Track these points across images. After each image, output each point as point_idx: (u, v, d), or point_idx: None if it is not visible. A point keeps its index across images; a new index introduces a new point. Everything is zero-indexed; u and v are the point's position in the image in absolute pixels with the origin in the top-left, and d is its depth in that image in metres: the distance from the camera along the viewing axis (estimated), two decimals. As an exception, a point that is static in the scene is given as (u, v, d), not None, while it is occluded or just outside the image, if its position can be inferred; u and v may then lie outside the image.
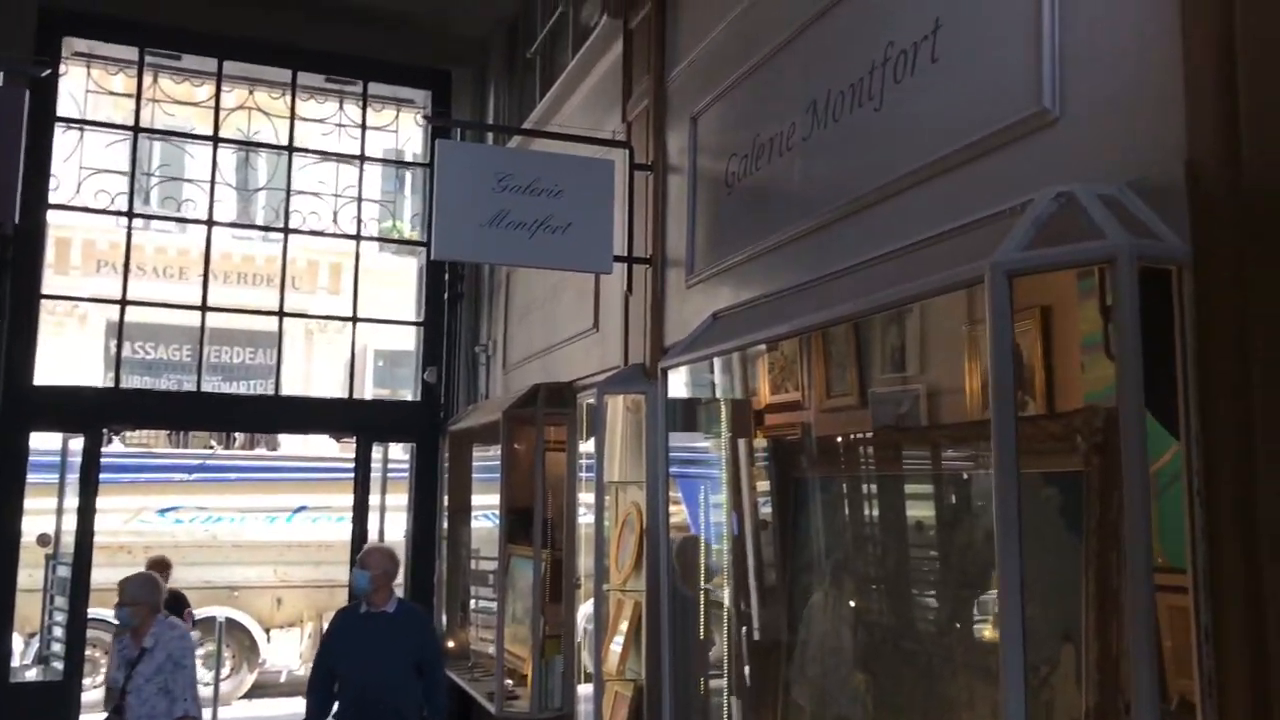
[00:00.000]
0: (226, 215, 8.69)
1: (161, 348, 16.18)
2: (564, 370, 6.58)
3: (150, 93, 8.22)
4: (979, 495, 3.18)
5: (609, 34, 6.02)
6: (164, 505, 12.07)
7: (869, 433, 3.90)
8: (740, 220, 4.35)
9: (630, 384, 5.17)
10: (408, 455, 8.94)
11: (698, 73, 4.92)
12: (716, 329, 4.07)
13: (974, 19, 2.96)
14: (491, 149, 5.56)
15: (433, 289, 8.82)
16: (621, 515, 5.35)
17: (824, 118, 3.74)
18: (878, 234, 3.33)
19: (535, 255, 5.06)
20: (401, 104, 9.16)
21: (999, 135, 2.80)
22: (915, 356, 4.11)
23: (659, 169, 5.25)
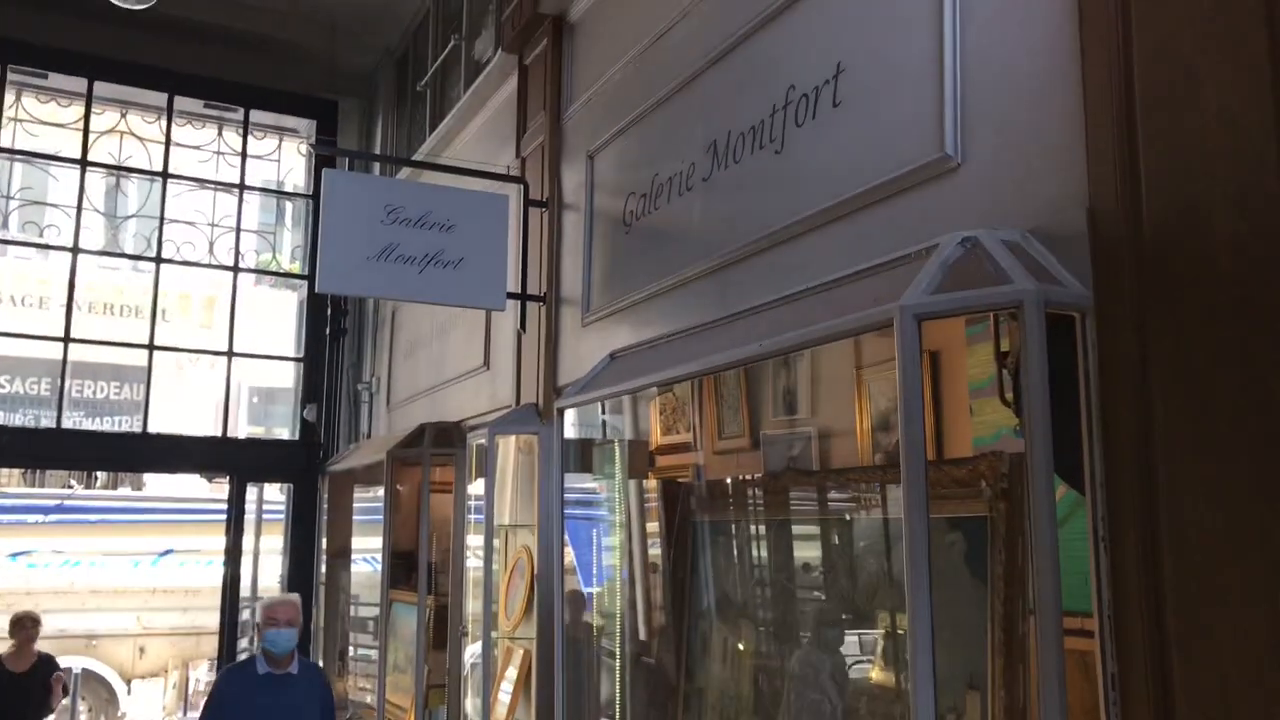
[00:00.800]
0: (94, 243, 8.23)
1: (18, 381, 15.27)
2: (452, 409, 6.42)
3: (12, 111, 7.78)
4: (877, 538, 3.17)
5: (503, 68, 5.95)
6: (16, 549, 11.36)
7: (763, 475, 3.87)
8: (639, 259, 4.31)
9: (523, 424, 5.04)
10: (284, 496, 8.59)
11: (595, 110, 4.88)
12: (614, 369, 3.99)
13: (876, 64, 2.99)
14: (381, 180, 5.40)
15: (314, 323, 8.55)
16: (511, 560, 5.20)
17: (724, 159, 3.72)
18: (780, 276, 3.31)
19: (425, 290, 4.91)
20: (284, 133, 8.91)
21: (901, 180, 2.82)
22: (806, 398, 4.13)
23: (554, 205, 5.18)
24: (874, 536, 3.08)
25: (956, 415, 3.37)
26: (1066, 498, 2.31)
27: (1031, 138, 2.42)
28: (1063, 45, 2.36)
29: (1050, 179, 2.35)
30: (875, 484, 3.03)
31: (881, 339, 3.38)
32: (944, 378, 3.32)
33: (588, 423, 5.14)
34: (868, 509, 3.28)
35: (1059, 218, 2.29)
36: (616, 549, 4.81)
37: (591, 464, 5.19)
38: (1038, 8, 2.45)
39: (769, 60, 3.53)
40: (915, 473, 2.07)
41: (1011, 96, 2.51)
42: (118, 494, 13.00)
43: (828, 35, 3.21)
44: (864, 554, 3.14)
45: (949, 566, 2.51)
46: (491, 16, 6.65)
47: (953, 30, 2.70)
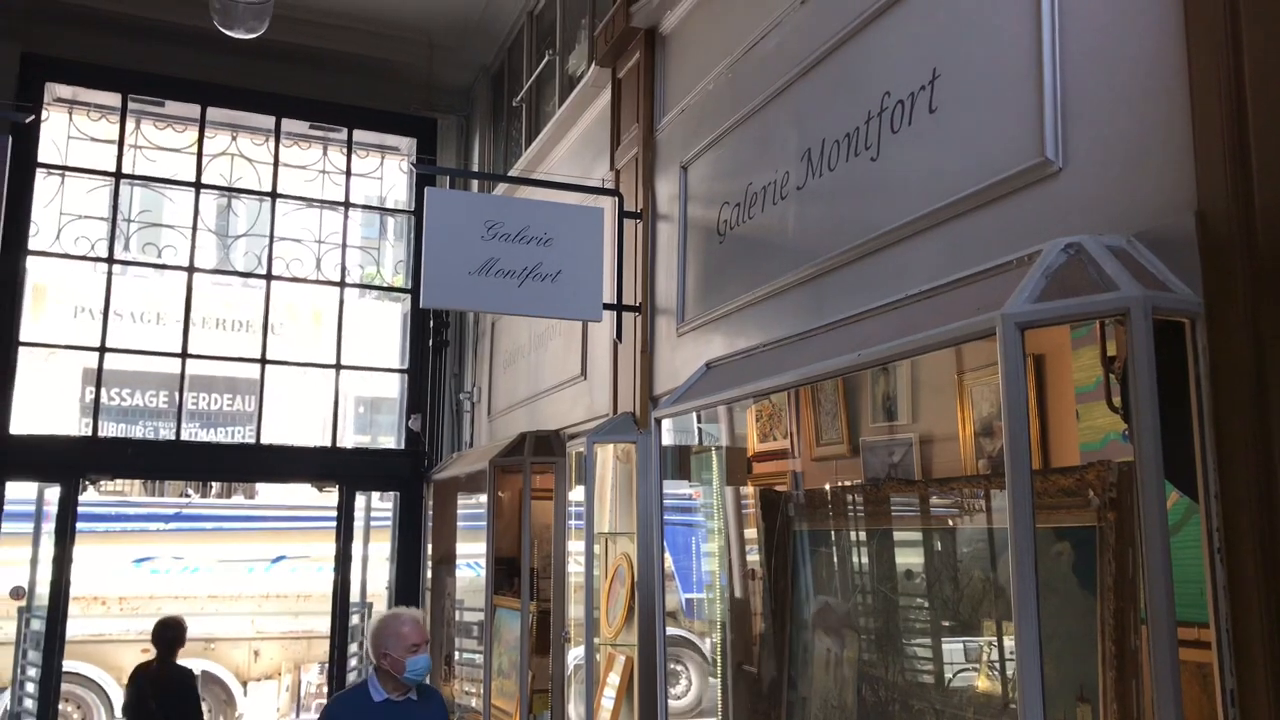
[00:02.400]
0: (207, 261, 8.59)
1: (138, 394, 15.95)
2: (551, 418, 6.52)
3: (132, 139, 8.18)
4: (981, 546, 3.14)
5: (597, 82, 6.03)
6: (139, 555, 11.85)
7: (864, 483, 3.85)
8: (733, 268, 4.33)
9: (620, 433, 5.10)
10: (390, 503, 8.82)
11: (687, 121, 4.92)
12: (711, 378, 4.02)
13: (973, 69, 2.96)
14: (480, 196, 5.54)
15: (417, 336, 8.77)
16: (611, 567, 5.26)
17: (819, 167, 3.72)
18: (876, 284, 3.30)
19: (524, 303, 5.01)
20: (386, 151, 9.15)
21: (1000, 186, 2.79)
22: (906, 404, 4.09)
23: (648, 217, 5.23)
24: (979, 545, 3.04)
25: (1062, 420, 3.30)
26: (1178, 504, 2.26)
27: (1135, 140, 2.38)
28: (1167, 44, 2.31)
29: (1156, 182, 2.30)
30: (979, 492, 2.99)
31: (983, 344, 3.34)
32: (1049, 381, 3.26)
33: (685, 430, 5.18)
34: (971, 515, 3.24)
35: (1166, 222, 2.24)
36: (715, 556, 4.83)
37: (689, 471, 5.23)
38: (1141, 8, 2.41)
39: (863, 67, 3.52)
40: (1021, 485, 2.06)
41: (1113, 99, 2.46)
42: (232, 502, 13.48)
43: (922, 41, 3.19)
44: (969, 563, 3.11)
45: (1056, 577, 2.47)
46: (585, 31, 6.74)
47: (1051, 32, 2.66)
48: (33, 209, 7.70)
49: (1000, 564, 2.84)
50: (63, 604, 7.35)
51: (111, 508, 12.36)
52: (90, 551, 11.00)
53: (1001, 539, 2.81)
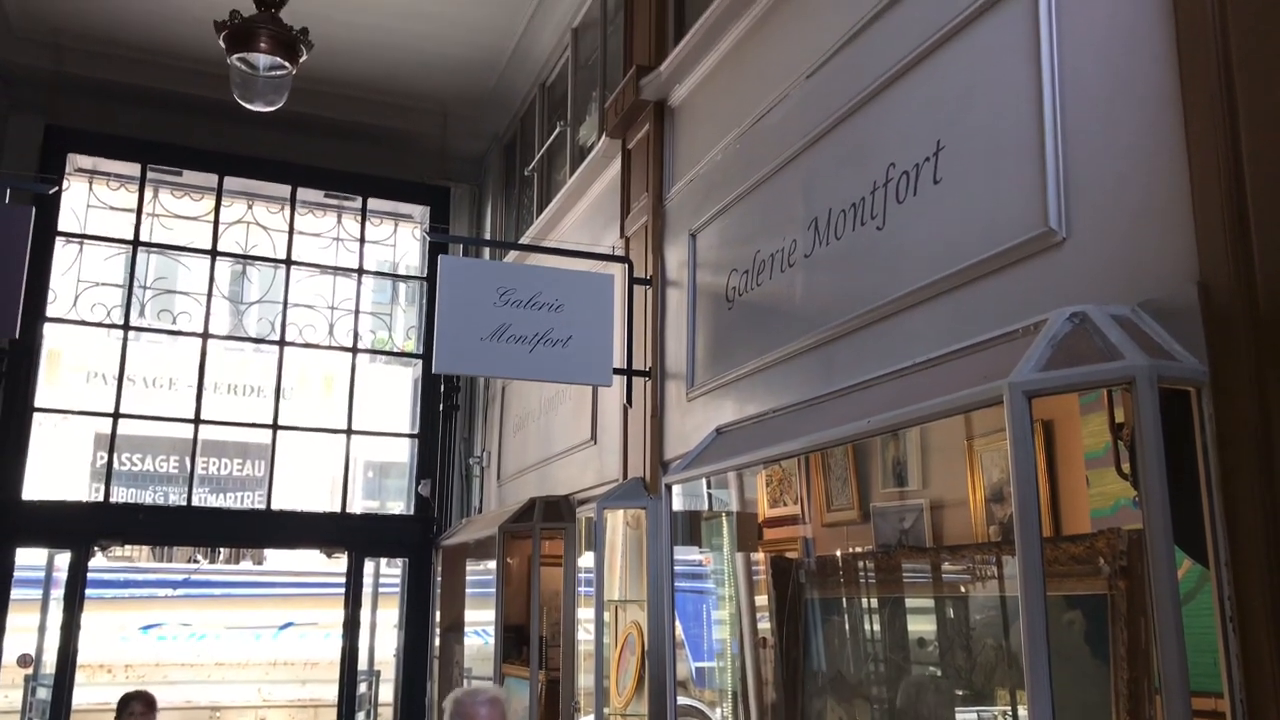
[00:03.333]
0: (221, 327, 8.68)
1: (150, 459, 15.97)
2: (561, 483, 6.52)
3: (150, 207, 8.32)
4: (994, 614, 3.12)
5: (607, 153, 6.14)
6: (147, 622, 11.77)
7: (875, 550, 3.84)
8: (742, 334, 4.37)
9: (630, 499, 5.10)
10: (399, 569, 8.79)
11: (696, 190, 5.00)
12: (720, 444, 4.04)
13: (976, 141, 3.02)
14: (492, 263, 5.63)
15: (428, 400, 8.81)
16: (622, 635, 5.22)
17: (826, 235, 3.78)
18: (883, 351, 3.33)
19: (536, 369, 5.05)
20: (400, 218, 9.29)
21: (1005, 255, 2.83)
22: (916, 470, 4.09)
23: (658, 283, 5.29)
24: (991, 613, 3.03)
25: (1073, 486, 3.30)
26: (1191, 572, 2.26)
27: (1137, 211, 2.42)
28: (1165, 118, 2.36)
29: (1158, 252, 2.34)
30: (991, 559, 2.99)
31: (992, 410, 3.36)
32: (1058, 447, 3.26)
33: (695, 495, 5.18)
34: (984, 583, 3.23)
35: (1169, 291, 2.27)
36: (726, 624, 4.80)
37: (700, 537, 5.22)
38: (1139, 82, 2.47)
39: (868, 138, 3.59)
40: (1031, 553, 2.06)
41: (1115, 170, 2.51)
42: (240, 568, 13.41)
43: (927, 113, 3.26)
44: (981, 631, 3.09)
45: (1068, 645, 2.46)
46: (595, 103, 6.88)
47: (1053, 105, 2.72)
48: (51, 276, 7.80)
49: (1013, 632, 2.82)
50: (70, 672, 7.31)
51: (120, 573, 12.32)
52: (97, 618, 10.93)
53: (1014, 606, 2.80)
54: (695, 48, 4.99)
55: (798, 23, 4.18)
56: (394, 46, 7.79)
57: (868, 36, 3.63)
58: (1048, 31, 2.76)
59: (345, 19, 7.33)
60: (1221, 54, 2.20)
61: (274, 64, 5.02)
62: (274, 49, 4.90)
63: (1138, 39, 2.48)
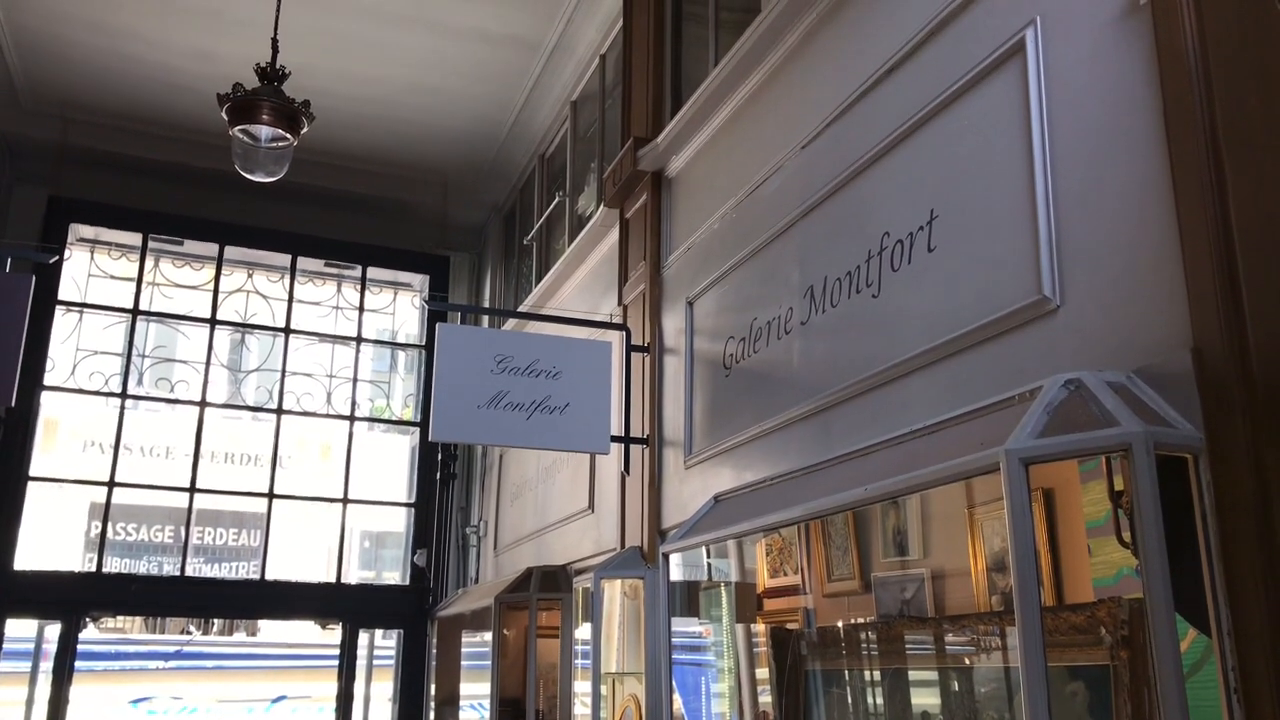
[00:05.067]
0: (219, 396, 8.67)
1: (144, 529, 15.83)
2: (558, 552, 6.46)
3: (151, 275, 8.37)
4: (997, 685, 3.07)
5: (605, 222, 6.20)
6: (137, 695, 11.57)
7: (877, 621, 3.79)
8: (740, 401, 4.36)
9: (628, 568, 5.05)
10: (394, 641, 8.67)
11: (693, 259, 5.03)
12: (719, 512, 4.01)
13: (969, 209, 3.05)
14: (490, 331, 5.64)
15: (425, 469, 8.77)
16: (619, 708, 5.13)
17: (822, 303, 3.80)
18: (882, 418, 3.33)
19: (533, 436, 5.04)
20: (399, 287, 9.35)
21: (1000, 323, 2.84)
22: (917, 539, 4.05)
23: (655, 350, 5.30)
24: (994, 684, 2.98)
25: (1074, 554, 3.26)
26: (1196, 643, 2.23)
27: (1130, 278, 2.44)
28: (1155, 187, 2.39)
29: (1152, 319, 2.35)
30: (994, 629, 2.95)
31: (991, 477, 3.34)
32: (1059, 515, 3.24)
33: (693, 564, 5.13)
34: (987, 654, 3.18)
35: (1163, 357, 2.28)
36: (726, 697, 4.72)
37: (698, 608, 5.15)
38: (1128, 150, 2.50)
39: (862, 207, 3.63)
40: (1031, 624, 2.04)
41: (1107, 238, 2.53)
42: (233, 640, 13.22)
43: (920, 182, 3.30)
44: (985, 703, 3.04)
45: (1071, 717, 2.41)
46: (594, 174, 6.97)
47: (1044, 175, 2.75)
48: (50, 345, 7.81)
49: (1017, 702, 2.77)
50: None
51: (111, 645, 12.13)
52: (87, 691, 10.73)
53: (1018, 677, 2.75)
54: (692, 120, 5.06)
55: (792, 95, 4.25)
56: (395, 120, 7.91)
57: (861, 108, 3.69)
58: (1037, 101, 2.80)
59: (347, 92, 7.45)
60: (1207, 122, 2.23)
61: (275, 135, 5.08)
62: (276, 121, 4.97)
63: (1126, 108, 2.51)
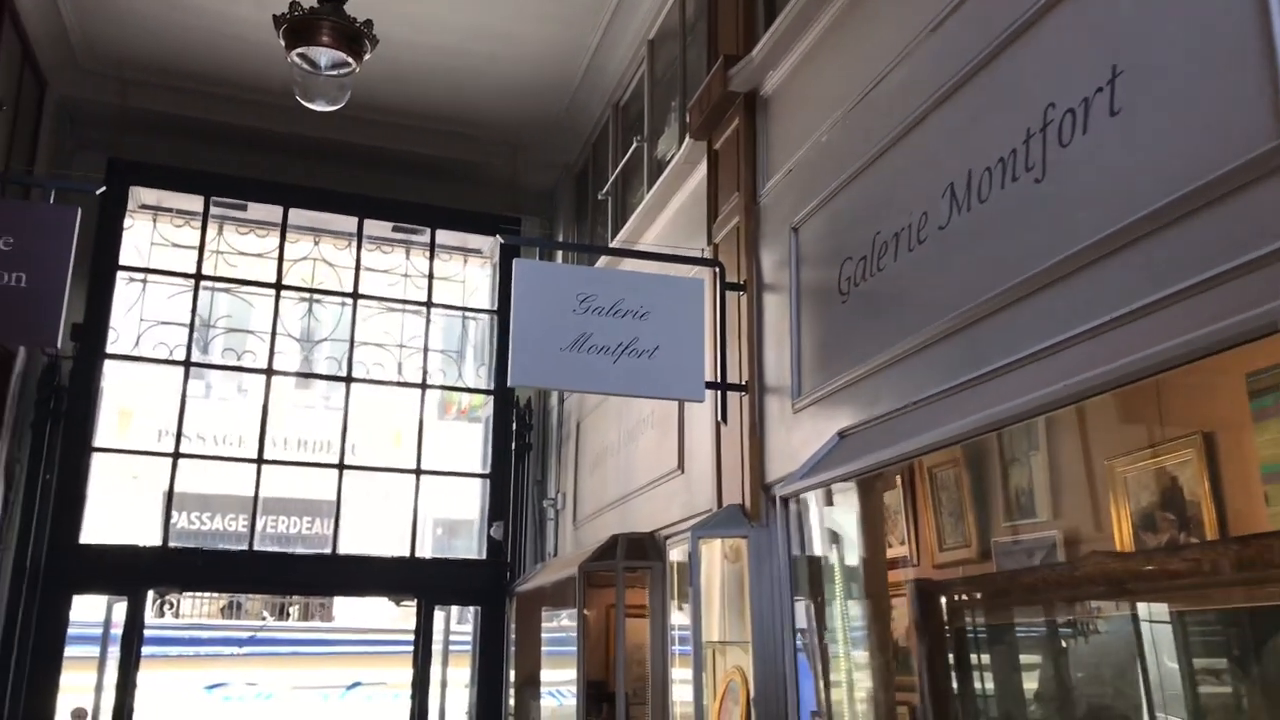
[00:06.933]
0: (287, 368, 8.33)
1: (218, 518, 15.77)
2: (644, 520, 5.98)
3: (214, 244, 8.07)
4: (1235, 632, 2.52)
5: (690, 157, 5.70)
6: (211, 681, 11.43)
7: (1064, 563, 3.28)
8: (860, 328, 3.83)
9: (729, 527, 4.55)
10: (470, 626, 8.28)
11: (796, 181, 4.51)
12: (846, 449, 3.48)
13: (1169, 56, 2.49)
14: (572, 268, 5.15)
15: (499, 440, 8.34)
16: (721, 682, 4.63)
17: (965, 201, 3.25)
18: (1049, 322, 2.78)
19: (619, 382, 4.55)
20: (469, 253, 8.94)
21: (1218, 185, 2.28)
22: (1045, 498, 3.57)
23: (752, 288, 4.79)
24: (1229, 631, 2.43)
25: (1245, 502, 2.80)
26: None
27: None
28: None
29: None
30: (1222, 562, 2.40)
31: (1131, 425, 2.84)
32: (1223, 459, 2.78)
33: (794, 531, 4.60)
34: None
35: None
36: (843, 663, 4.19)
37: (804, 574, 4.63)
38: None
39: (1016, 82, 3.08)
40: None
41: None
42: (307, 625, 13.05)
43: (1096, 37, 2.74)
44: (1217, 652, 2.49)
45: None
46: (674, 113, 6.47)
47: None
48: (111, 315, 7.54)
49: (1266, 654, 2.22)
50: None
51: (185, 631, 12.02)
52: (161, 677, 10.61)
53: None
54: (790, 27, 4.54)
55: (915, -24, 3.70)
56: (462, 71, 7.48)
57: (1009, -32, 3.13)
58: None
59: (412, 40, 7.04)
60: None
61: (336, 60, 4.65)
62: (336, 43, 4.53)
63: None
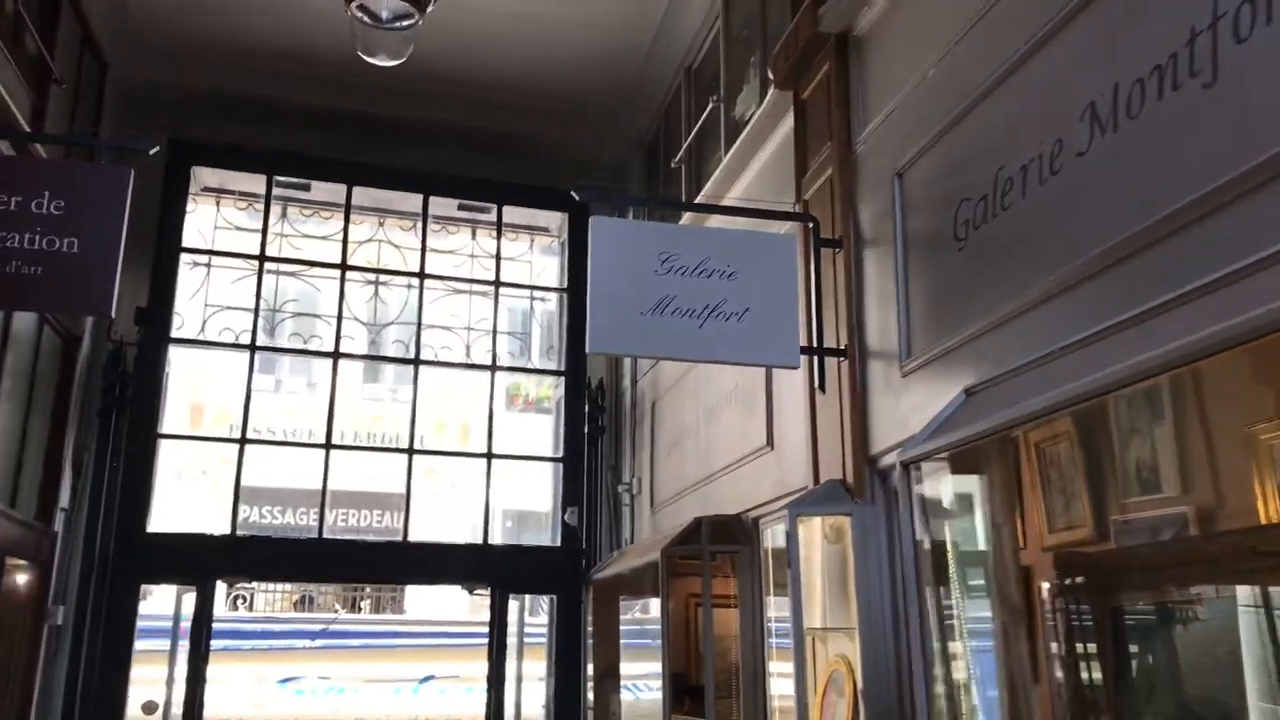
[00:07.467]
0: (355, 355, 8.11)
1: (288, 512, 15.75)
2: (728, 502, 5.62)
3: (278, 227, 7.87)
4: None
5: (774, 112, 5.32)
6: (284, 675, 11.32)
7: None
8: (981, 276, 3.43)
9: (829, 503, 4.17)
10: (544, 620, 8.00)
11: (899, 124, 4.11)
12: (974, 407, 3.08)
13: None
14: (652, 225, 4.77)
15: (571, 425, 8.03)
16: (823, 673, 4.25)
17: (1111, 120, 2.83)
18: (1230, 244, 2.36)
19: (707, 348, 4.19)
20: (535, 232, 8.65)
21: None
22: (1172, 471, 3.16)
23: (850, 243, 4.39)
24: None
25: None
26: None
27: None
28: None
29: None
30: None
31: None
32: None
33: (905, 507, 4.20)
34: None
35: None
36: (961, 649, 3.79)
37: (922, 554, 4.24)
38: None
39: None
40: None
41: None
42: (379, 618, 12.92)
43: (1281, -94, 2.32)
44: None
45: None
46: (753, 68, 6.09)
47: None
48: (176, 299, 7.38)
49: None
50: (197, 718, 6.71)
51: (258, 624, 11.95)
52: (234, 671, 10.51)
53: None
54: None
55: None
56: (527, 38, 7.18)
57: None
58: None
59: (476, 5, 6.75)
60: None
61: (399, 12, 4.36)
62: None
63: None
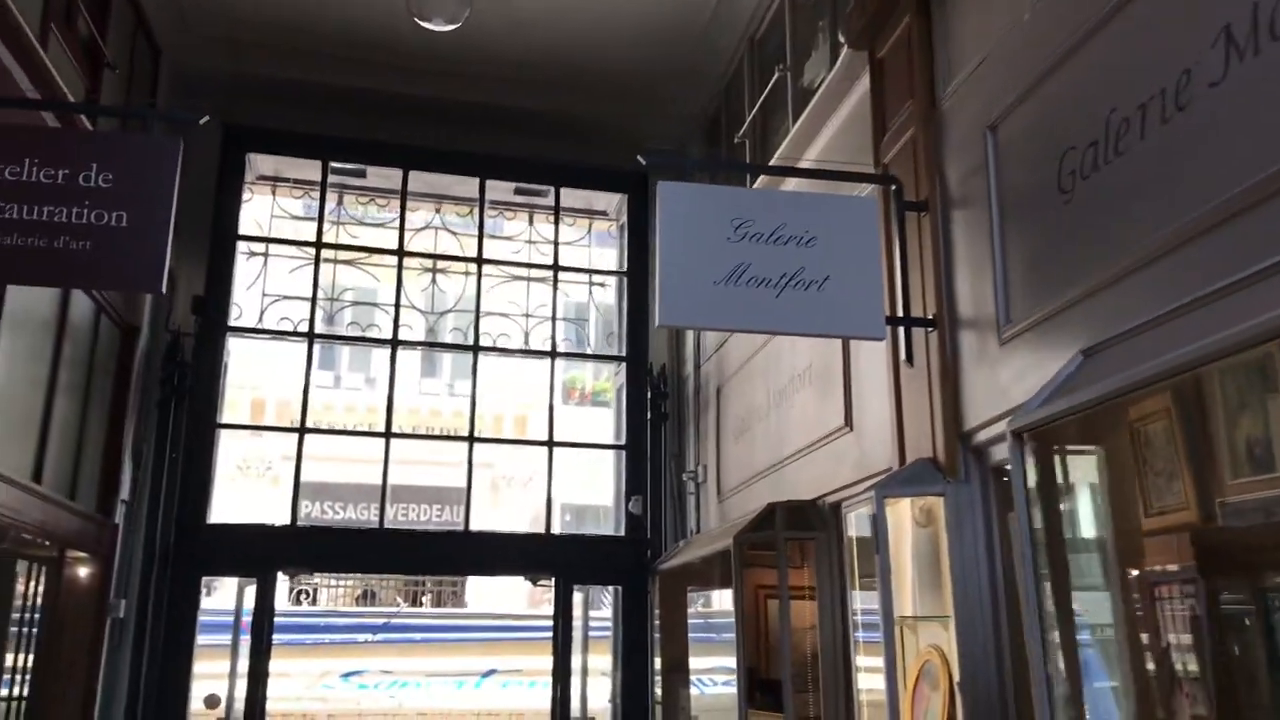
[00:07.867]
0: (414, 342, 7.96)
1: (349, 507, 15.76)
2: (803, 487, 5.36)
3: (334, 215, 7.74)
4: None
5: (847, 74, 5.05)
6: (347, 669, 11.28)
7: None
8: (1092, 230, 3.13)
9: (920, 483, 3.89)
10: (608, 611, 7.79)
11: (989, 74, 3.82)
12: (1094, 369, 2.79)
13: None
14: (725, 189, 4.49)
15: (633, 411, 7.79)
16: (914, 665, 3.97)
17: (1252, 43, 2.52)
18: None
19: (785, 318, 3.93)
20: (594, 216, 8.43)
21: None
22: None
23: (936, 205, 4.10)
24: None
25: None
26: None
27: None
28: None
29: None
30: None
31: None
32: None
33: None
34: None
35: None
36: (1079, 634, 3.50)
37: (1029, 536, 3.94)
38: None
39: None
40: None
41: None
42: (441, 611, 12.85)
43: None
44: None
45: None
46: (823, 32, 5.80)
47: None
48: (234, 289, 7.28)
49: None
50: (259, 711, 6.60)
51: (320, 618, 11.93)
52: (297, 665, 10.47)
53: None
54: (974, -105, 3.85)
55: None
56: (581, 15, 6.93)
57: None
58: None
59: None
60: None
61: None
62: (454, -49, 4.03)
63: None
